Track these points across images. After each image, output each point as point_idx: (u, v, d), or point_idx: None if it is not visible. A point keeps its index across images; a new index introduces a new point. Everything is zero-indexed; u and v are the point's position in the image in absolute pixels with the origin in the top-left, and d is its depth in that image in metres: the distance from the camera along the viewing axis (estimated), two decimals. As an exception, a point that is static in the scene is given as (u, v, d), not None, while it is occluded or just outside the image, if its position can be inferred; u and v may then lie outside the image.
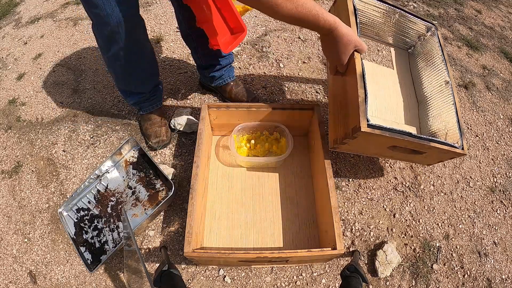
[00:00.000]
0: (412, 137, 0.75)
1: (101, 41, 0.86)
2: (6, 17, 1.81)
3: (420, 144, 0.77)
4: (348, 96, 0.79)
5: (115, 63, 0.91)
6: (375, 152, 0.88)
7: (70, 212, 0.97)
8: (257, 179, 1.03)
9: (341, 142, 0.80)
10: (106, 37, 0.82)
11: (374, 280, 0.92)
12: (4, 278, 0.93)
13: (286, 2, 0.63)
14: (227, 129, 1.07)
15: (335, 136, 0.85)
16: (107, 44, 0.84)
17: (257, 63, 1.40)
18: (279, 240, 0.92)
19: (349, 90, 0.78)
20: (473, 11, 1.81)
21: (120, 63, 0.90)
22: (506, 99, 1.39)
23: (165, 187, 1.01)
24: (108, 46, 0.85)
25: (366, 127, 0.70)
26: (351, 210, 1.02)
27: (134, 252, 0.77)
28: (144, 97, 1.05)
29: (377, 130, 0.72)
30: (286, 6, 0.63)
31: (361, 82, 0.74)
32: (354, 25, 0.82)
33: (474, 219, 1.05)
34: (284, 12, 0.64)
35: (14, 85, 1.40)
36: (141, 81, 1.00)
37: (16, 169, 1.13)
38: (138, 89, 1.02)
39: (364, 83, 0.74)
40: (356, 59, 0.76)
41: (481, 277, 0.95)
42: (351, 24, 0.82)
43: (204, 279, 0.90)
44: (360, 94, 0.72)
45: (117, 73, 0.96)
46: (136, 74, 0.96)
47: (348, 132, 0.76)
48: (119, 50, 0.84)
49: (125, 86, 1.02)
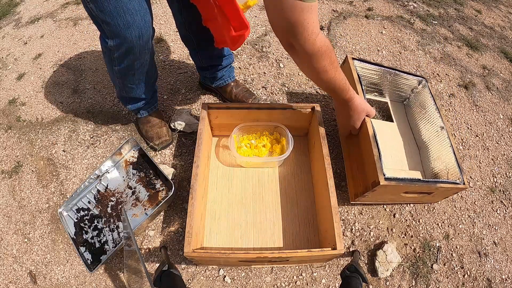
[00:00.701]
0: (421, 182, 0.86)
1: (117, 54, 0.79)
2: (6, 17, 1.81)
3: (428, 187, 0.88)
4: (363, 154, 0.91)
5: (127, 73, 0.87)
6: (391, 198, 0.98)
7: (70, 212, 0.97)
8: (257, 179, 1.03)
9: (362, 195, 0.91)
10: (124, 50, 0.77)
11: (374, 280, 0.92)
12: (4, 278, 0.93)
13: (332, 69, 0.72)
14: (227, 129, 1.07)
15: (355, 191, 0.96)
16: (123, 57, 0.80)
17: (257, 63, 1.40)
18: (279, 240, 0.92)
19: (364, 149, 0.91)
20: (473, 11, 1.81)
21: (132, 73, 0.87)
22: (506, 99, 1.39)
23: (165, 187, 1.01)
24: (122, 59, 0.81)
25: (384, 181, 0.82)
26: (351, 210, 1.02)
27: (134, 252, 0.77)
28: (145, 102, 1.05)
29: (393, 181, 0.83)
30: (331, 72, 0.73)
31: (374, 142, 0.87)
32: (360, 91, 0.96)
33: (474, 219, 1.05)
34: (327, 78, 0.74)
35: (14, 85, 1.40)
36: (146, 88, 0.98)
37: (16, 169, 1.13)
38: (142, 95, 1.00)
39: (377, 142, 0.87)
40: (367, 123, 0.90)
41: (481, 277, 0.95)
42: (357, 90, 0.96)
43: (204, 279, 0.90)
44: (375, 153, 0.85)
45: (125, 83, 0.92)
46: (144, 82, 0.94)
47: (368, 186, 0.87)
48: (134, 61, 0.81)
49: (129, 94, 0.99)
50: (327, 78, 0.74)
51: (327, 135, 1.12)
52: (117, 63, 0.83)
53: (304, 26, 0.60)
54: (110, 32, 0.74)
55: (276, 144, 1.07)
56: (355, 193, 0.96)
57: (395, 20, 1.66)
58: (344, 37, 1.53)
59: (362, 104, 0.87)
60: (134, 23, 0.71)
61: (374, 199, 0.98)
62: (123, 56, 0.80)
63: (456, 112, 1.31)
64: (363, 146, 0.91)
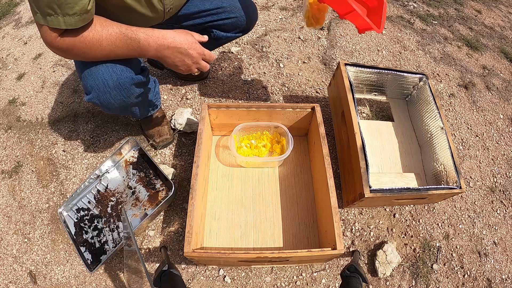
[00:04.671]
0: (410, 191, 0.86)
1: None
2: (6, 17, 1.81)
3: (419, 194, 0.88)
4: (352, 165, 0.92)
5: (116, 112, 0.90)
6: (383, 204, 1.01)
7: (70, 212, 0.97)
8: (257, 179, 1.03)
9: (352, 204, 0.94)
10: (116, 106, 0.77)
11: (374, 280, 0.92)
12: (4, 278, 0.93)
13: (100, 46, 0.64)
14: (227, 129, 1.07)
15: (347, 198, 0.98)
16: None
17: (257, 63, 1.40)
18: (279, 240, 0.92)
19: (353, 160, 0.92)
20: (473, 11, 1.81)
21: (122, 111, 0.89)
22: (506, 99, 1.39)
23: (165, 187, 1.01)
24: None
25: (369, 193, 0.83)
26: (351, 210, 1.02)
27: (134, 252, 0.77)
28: (146, 106, 1.05)
29: (379, 193, 0.84)
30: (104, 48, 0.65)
31: (362, 154, 0.87)
32: (351, 101, 0.96)
33: (474, 219, 1.05)
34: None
35: (14, 85, 1.40)
36: (143, 110, 1.01)
37: (16, 169, 1.13)
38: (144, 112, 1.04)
39: (365, 154, 0.87)
40: (356, 134, 0.89)
41: (481, 277, 0.95)
42: (349, 100, 0.96)
43: (204, 279, 0.90)
44: (362, 165, 0.86)
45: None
46: (140, 108, 0.97)
47: (356, 196, 0.89)
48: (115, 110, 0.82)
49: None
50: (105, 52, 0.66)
51: (327, 135, 1.12)
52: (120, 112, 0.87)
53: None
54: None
55: (276, 144, 1.07)
56: (347, 200, 0.98)
57: (395, 20, 1.66)
58: (344, 37, 1.53)
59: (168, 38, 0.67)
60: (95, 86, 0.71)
61: (366, 205, 1.00)
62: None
63: (456, 112, 1.31)
64: (353, 156, 0.92)
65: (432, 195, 0.88)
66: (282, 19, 1.60)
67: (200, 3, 0.91)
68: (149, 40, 0.65)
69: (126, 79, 0.73)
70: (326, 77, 1.36)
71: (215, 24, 0.95)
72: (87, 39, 0.61)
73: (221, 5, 0.91)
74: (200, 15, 0.93)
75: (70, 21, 0.57)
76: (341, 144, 1.06)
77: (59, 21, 0.56)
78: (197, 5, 0.91)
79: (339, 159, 1.09)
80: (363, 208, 1.03)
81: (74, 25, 0.57)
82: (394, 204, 1.02)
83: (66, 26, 0.57)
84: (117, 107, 0.77)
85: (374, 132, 1.10)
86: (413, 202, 1.00)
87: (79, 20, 0.57)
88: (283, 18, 1.61)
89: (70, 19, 0.56)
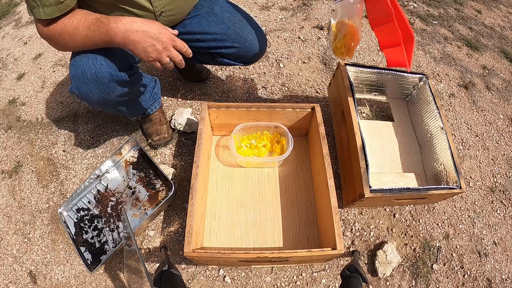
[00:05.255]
0: (410, 191, 0.86)
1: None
2: (6, 17, 1.81)
3: (419, 194, 0.88)
4: (353, 165, 0.92)
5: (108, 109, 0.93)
6: (383, 204, 1.00)
7: (70, 212, 0.97)
8: (257, 179, 1.03)
9: (352, 204, 0.94)
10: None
11: (374, 280, 0.92)
12: (4, 278, 0.93)
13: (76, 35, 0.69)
14: (227, 129, 1.07)
15: (347, 198, 0.98)
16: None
17: (257, 63, 1.39)
18: (279, 240, 0.92)
19: (353, 160, 0.92)
20: (473, 11, 1.81)
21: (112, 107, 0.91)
22: (506, 99, 1.39)
23: (165, 187, 1.01)
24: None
25: (369, 193, 0.83)
26: (351, 210, 1.02)
27: (134, 252, 0.77)
28: (146, 107, 1.07)
29: (379, 193, 0.84)
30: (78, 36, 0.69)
31: (362, 154, 0.87)
32: (351, 101, 0.96)
33: (474, 219, 1.05)
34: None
35: (14, 85, 1.40)
36: (139, 109, 1.04)
37: (16, 169, 1.13)
38: (140, 112, 1.07)
39: (365, 154, 0.87)
40: (356, 134, 0.89)
41: (481, 277, 0.95)
42: (349, 100, 0.96)
43: (204, 279, 0.90)
44: (362, 165, 0.86)
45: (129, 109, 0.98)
46: (135, 107, 1.00)
47: (356, 196, 0.89)
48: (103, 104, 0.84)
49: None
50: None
51: (327, 135, 1.12)
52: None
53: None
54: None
55: (276, 144, 1.07)
56: (347, 200, 0.98)
57: (395, 20, 1.65)
58: (344, 37, 1.53)
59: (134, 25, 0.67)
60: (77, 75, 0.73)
61: (366, 205, 1.00)
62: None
63: (456, 112, 1.31)
64: (353, 156, 0.92)
65: (432, 195, 0.88)
66: (282, 19, 1.60)
67: (206, 23, 0.90)
68: (118, 23, 0.66)
69: (104, 74, 0.73)
70: (326, 77, 1.36)
71: (219, 52, 0.94)
72: (68, 26, 0.68)
73: (226, 31, 0.90)
74: (204, 38, 0.91)
75: (48, 11, 0.64)
76: (341, 144, 1.06)
77: (40, 12, 0.64)
78: (203, 25, 0.90)
79: (339, 159, 1.09)
80: (363, 208, 1.03)
81: (51, 15, 0.65)
82: (394, 204, 1.02)
83: (45, 16, 0.65)
84: (97, 101, 0.78)
85: (374, 132, 1.10)
86: (413, 202, 1.00)
87: (55, 10, 0.65)
88: (283, 18, 1.61)
89: (47, 10, 0.64)
